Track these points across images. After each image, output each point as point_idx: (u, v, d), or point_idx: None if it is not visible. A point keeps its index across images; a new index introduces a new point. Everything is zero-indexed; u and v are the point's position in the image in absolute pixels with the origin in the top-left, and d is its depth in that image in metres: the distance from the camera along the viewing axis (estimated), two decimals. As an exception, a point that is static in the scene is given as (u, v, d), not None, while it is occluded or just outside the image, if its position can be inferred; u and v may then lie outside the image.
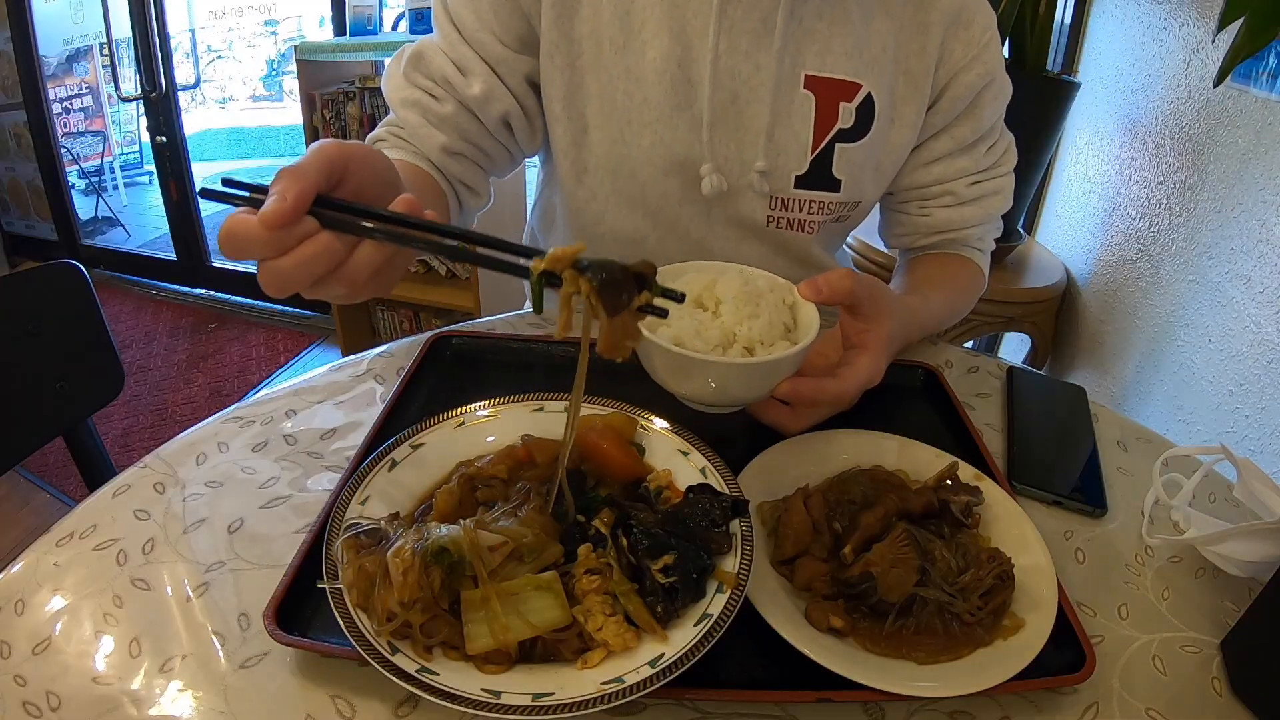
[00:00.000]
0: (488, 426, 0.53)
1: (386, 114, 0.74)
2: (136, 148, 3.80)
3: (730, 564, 0.43)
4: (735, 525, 0.45)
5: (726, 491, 0.47)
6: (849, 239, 1.29)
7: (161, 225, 2.92)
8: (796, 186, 0.71)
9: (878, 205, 0.83)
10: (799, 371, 0.53)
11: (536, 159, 0.84)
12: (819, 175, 0.70)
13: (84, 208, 3.22)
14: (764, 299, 0.55)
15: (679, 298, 0.40)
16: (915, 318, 0.69)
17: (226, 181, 0.41)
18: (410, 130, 0.70)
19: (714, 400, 0.55)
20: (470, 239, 0.40)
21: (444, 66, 0.68)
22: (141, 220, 3.49)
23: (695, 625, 0.40)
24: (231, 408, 0.61)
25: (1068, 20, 1.68)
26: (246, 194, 0.40)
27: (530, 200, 0.92)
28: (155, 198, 3.01)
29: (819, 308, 0.55)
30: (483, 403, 0.54)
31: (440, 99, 0.68)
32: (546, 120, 0.72)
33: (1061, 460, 0.61)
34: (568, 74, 0.68)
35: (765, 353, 0.53)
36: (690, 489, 0.47)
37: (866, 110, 0.69)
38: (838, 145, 0.69)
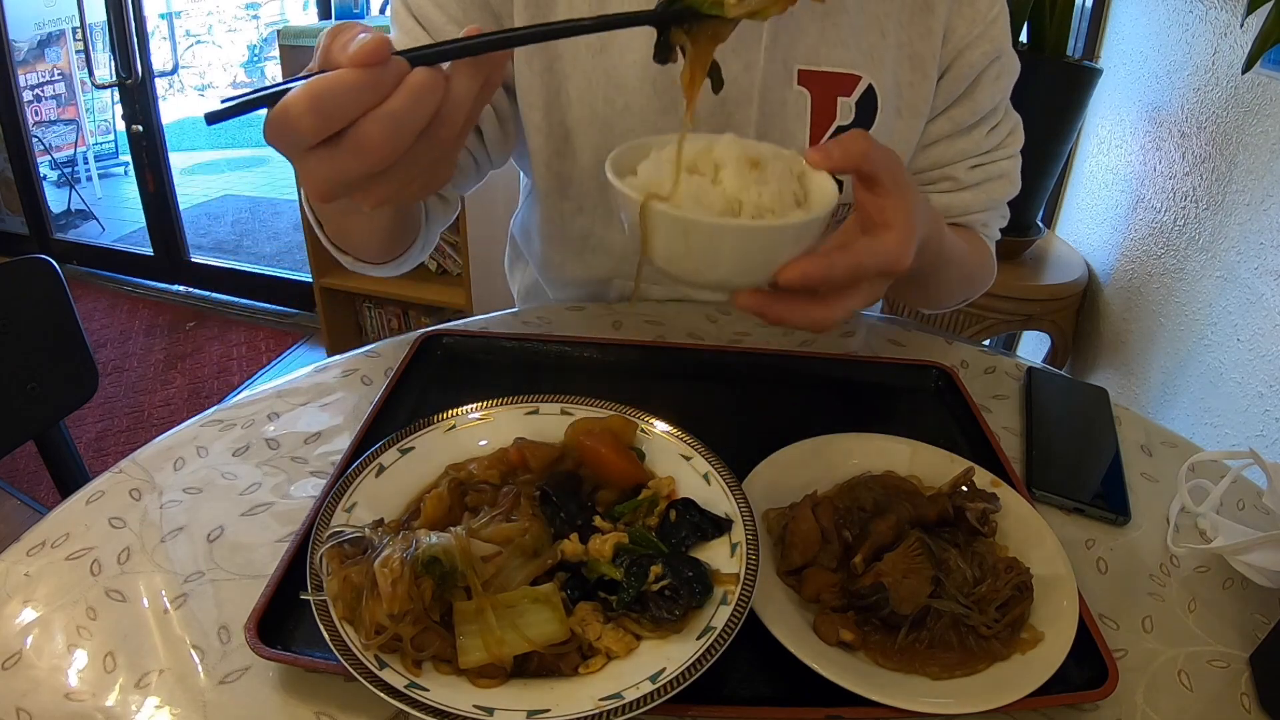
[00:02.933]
0: (479, 430, 0.52)
1: None
2: (111, 137, 3.76)
3: (732, 569, 0.42)
4: (740, 534, 0.43)
5: (723, 504, 0.46)
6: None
7: (138, 219, 2.85)
8: None
9: None
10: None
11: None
12: None
13: (56, 200, 3.17)
14: (769, 165, 0.45)
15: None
16: (938, 221, 0.58)
17: (228, 99, 0.35)
18: None
19: (712, 276, 0.44)
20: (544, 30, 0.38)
21: None
22: (116, 213, 3.44)
23: (698, 639, 0.39)
24: (211, 410, 0.60)
25: (1089, 3, 1.64)
26: (263, 96, 0.35)
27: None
28: (131, 190, 2.92)
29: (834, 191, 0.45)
30: (474, 405, 0.53)
31: None
32: (525, 130, 0.69)
33: (1083, 465, 0.59)
34: (546, 79, 0.66)
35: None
36: (672, 504, 0.46)
37: (868, 103, 0.66)
38: None
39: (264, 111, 0.35)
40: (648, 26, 0.42)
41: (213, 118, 0.35)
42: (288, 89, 0.34)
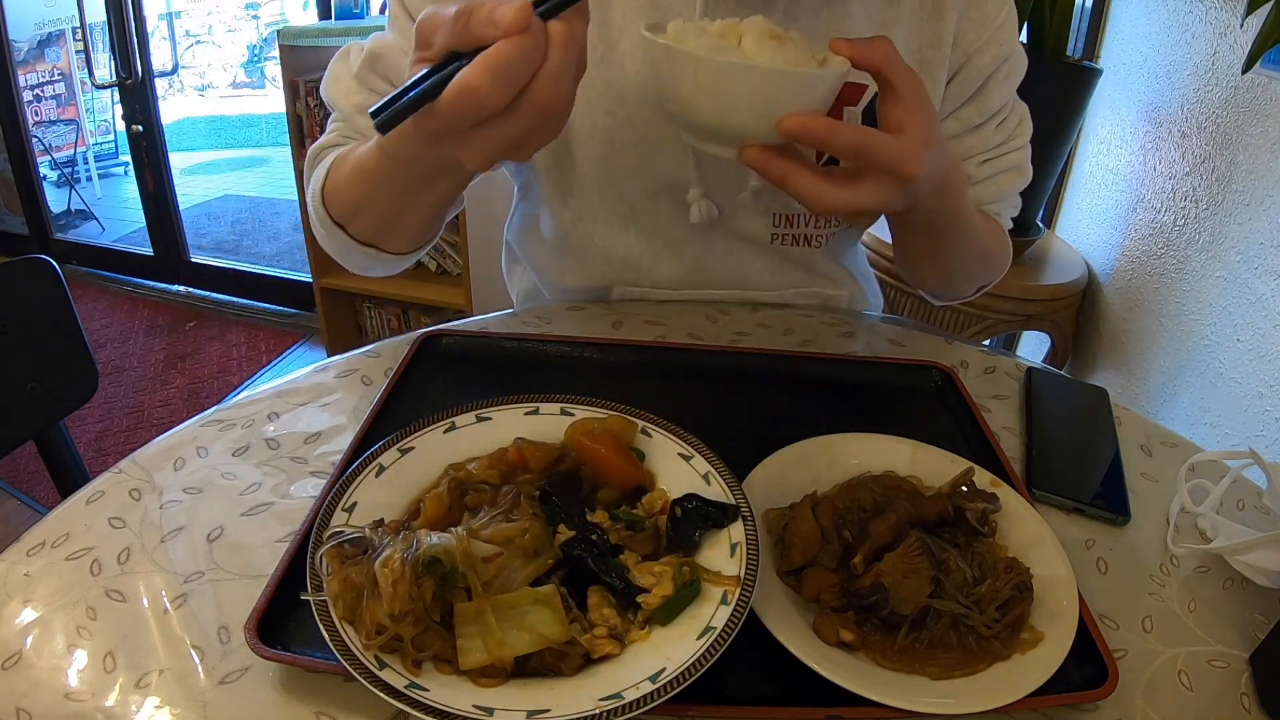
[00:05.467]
0: (479, 429, 0.52)
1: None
2: (111, 137, 3.76)
3: (732, 569, 0.42)
4: (740, 534, 0.43)
5: (727, 498, 0.46)
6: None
7: (137, 219, 2.85)
8: None
9: None
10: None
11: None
12: None
13: (56, 200, 3.17)
14: (792, 42, 0.47)
15: None
16: (959, 169, 0.59)
17: (378, 108, 0.40)
18: (369, 137, 0.66)
19: (722, 123, 0.46)
20: None
21: (405, 69, 0.65)
22: (116, 213, 3.44)
23: (698, 639, 0.39)
24: (211, 410, 0.60)
25: (1089, 4, 1.64)
26: (418, 89, 0.39)
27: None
28: (131, 190, 2.93)
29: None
30: (474, 405, 0.53)
31: None
32: None
33: (1083, 465, 0.59)
34: None
35: None
36: (676, 502, 0.46)
37: (875, 111, 0.66)
38: None
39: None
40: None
41: (384, 127, 0.40)
42: (437, 79, 0.38)
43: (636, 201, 0.69)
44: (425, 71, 0.39)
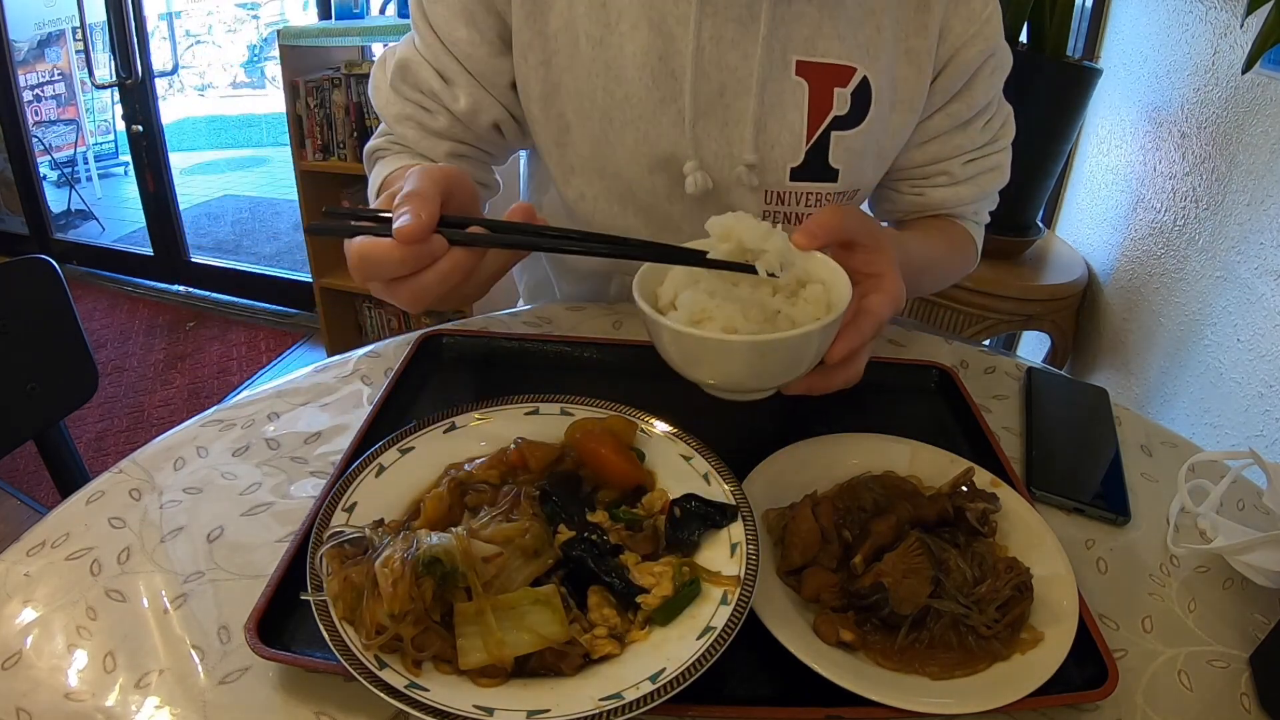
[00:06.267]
0: (479, 429, 0.52)
1: (369, 101, 0.74)
2: (111, 137, 3.77)
3: (732, 569, 0.42)
4: (740, 534, 0.43)
5: (726, 498, 0.46)
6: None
7: (137, 219, 2.86)
8: (792, 179, 0.69)
9: None
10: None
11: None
12: (816, 166, 0.69)
13: (56, 200, 3.17)
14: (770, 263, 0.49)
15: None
16: (906, 250, 0.64)
17: (329, 213, 0.47)
18: (412, 144, 0.69)
19: (745, 383, 0.50)
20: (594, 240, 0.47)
21: (430, 79, 0.67)
22: (116, 213, 3.44)
23: (698, 639, 0.39)
24: (211, 410, 0.60)
25: (1089, 3, 1.64)
26: (358, 222, 0.45)
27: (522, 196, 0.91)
28: (131, 190, 2.94)
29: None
30: (474, 405, 0.53)
31: (433, 111, 0.68)
32: (527, 121, 0.70)
33: (1082, 465, 0.59)
34: (542, 73, 0.66)
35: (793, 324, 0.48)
36: (676, 502, 0.46)
37: (863, 95, 0.67)
38: (834, 133, 0.67)
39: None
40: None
41: (312, 230, 0.45)
42: (373, 219, 0.44)
43: (634, 179, 0.70)
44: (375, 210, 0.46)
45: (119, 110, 2.69)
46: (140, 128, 2.56)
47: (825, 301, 0.49)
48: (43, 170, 2.96)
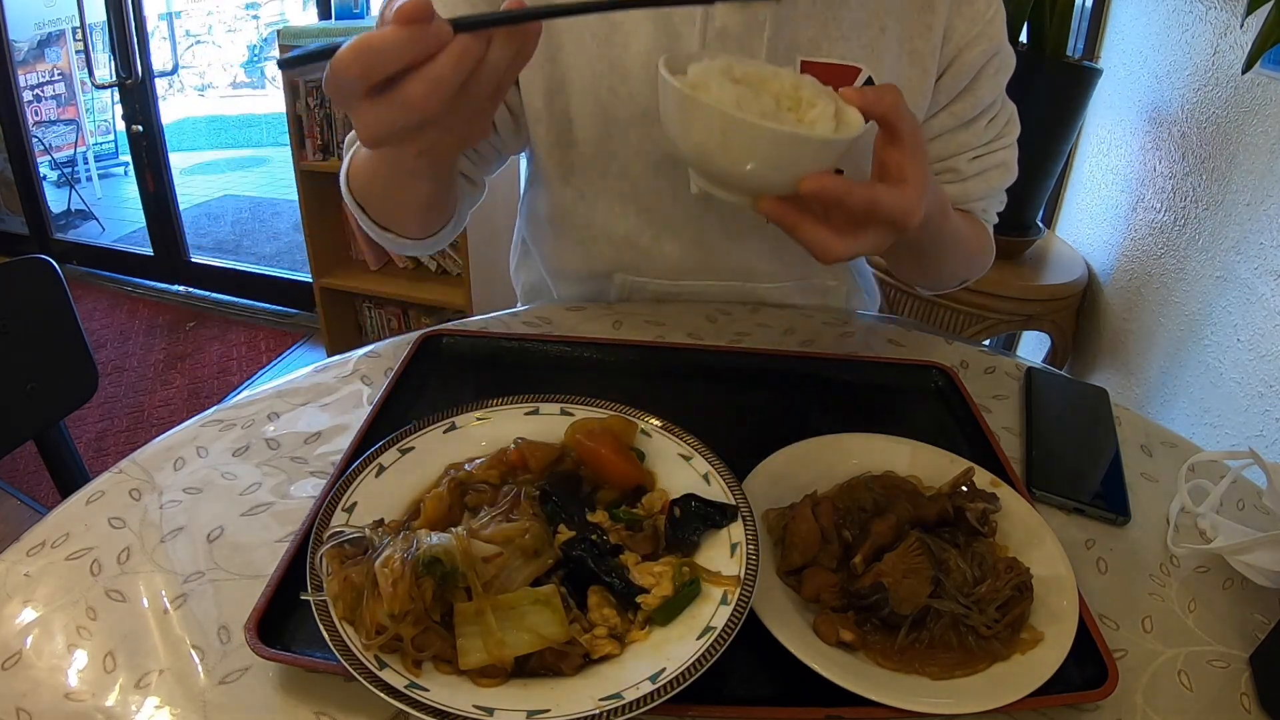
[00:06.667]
0: (479, 430, 0.52)
1: None
2: (111, 137, 3.74)
3: (732, 569, 0.42)
4: (740, 534, 0.43)
5: (726, 498, 0.46)
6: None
7: (137, 219, 2.84)
8: None
9: None
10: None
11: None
12: None
13: (56, 200, 3.15)
14: (810, 94, 0.48)
15: None
16: (944, 202, 0.62)
17: (295, 53, 0.40)
18: None
19: (738, 174, 0.47)
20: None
21: None
22: (116, 213, 3.42)
23: (698, 639, 0.39)
24: (211, 410, 0.60)
25: (1089, 4, 1.64)
26: (323, 51, 0.39)
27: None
28: (131, 190, 2.91)
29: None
30: (474, 405, 0.53)
31: None
32: (528, 118, 0.70)
33: (1082, 465, 0.59)
34: (548, 69, 0.66)
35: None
36: (676, 503, 0.46)
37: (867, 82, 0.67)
38: None
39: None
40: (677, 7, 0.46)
41: (285, 64, 0.40)
42: (336, 43, 0.38)
43: (637, 179, 0.70)
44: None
45: (119, 110, 2.68)
46: (140, 128, 2.55)
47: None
48: (43, 170, 2.95)
